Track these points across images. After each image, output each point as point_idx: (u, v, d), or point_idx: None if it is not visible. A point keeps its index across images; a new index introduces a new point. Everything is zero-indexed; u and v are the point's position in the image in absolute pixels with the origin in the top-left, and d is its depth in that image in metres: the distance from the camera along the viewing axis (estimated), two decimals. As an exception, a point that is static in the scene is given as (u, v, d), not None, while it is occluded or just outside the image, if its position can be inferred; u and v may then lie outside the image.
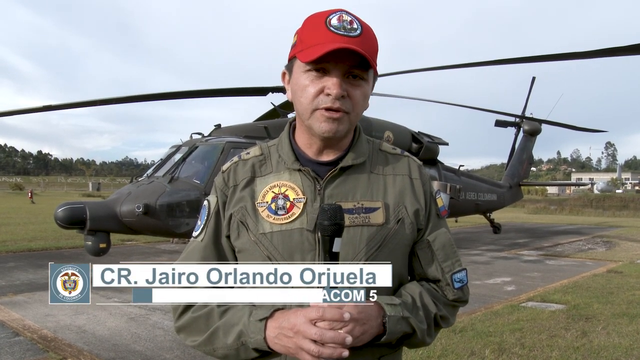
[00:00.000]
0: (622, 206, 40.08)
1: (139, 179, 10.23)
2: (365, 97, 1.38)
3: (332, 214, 1.20)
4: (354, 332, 1.19)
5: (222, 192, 1.46)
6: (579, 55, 9.33)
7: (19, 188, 61.75)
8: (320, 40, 1.28)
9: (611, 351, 5.17)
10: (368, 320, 1.23)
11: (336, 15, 1.30)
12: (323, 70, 1.31)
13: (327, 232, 1.19)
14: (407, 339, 1.35)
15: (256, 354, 1.30)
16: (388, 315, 1.27)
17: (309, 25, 1.34)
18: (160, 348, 5.31)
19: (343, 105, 1.32)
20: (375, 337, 1.27)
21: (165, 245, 14.14)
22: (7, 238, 14.39)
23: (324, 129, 1.34)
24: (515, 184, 18.70)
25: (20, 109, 11.12)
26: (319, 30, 1.30)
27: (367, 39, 1.31)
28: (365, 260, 1.33)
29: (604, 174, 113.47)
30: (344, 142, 1.44)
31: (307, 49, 1.30)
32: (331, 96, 1.30)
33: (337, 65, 1.30)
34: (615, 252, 13.62)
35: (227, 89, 11.78)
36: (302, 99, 1.35)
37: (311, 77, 1.32)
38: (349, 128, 1.38)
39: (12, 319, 6.30)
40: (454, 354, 5.02)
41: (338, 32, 1.28)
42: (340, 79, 1.31)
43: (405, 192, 1.43)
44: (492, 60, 10.89)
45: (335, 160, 1.42)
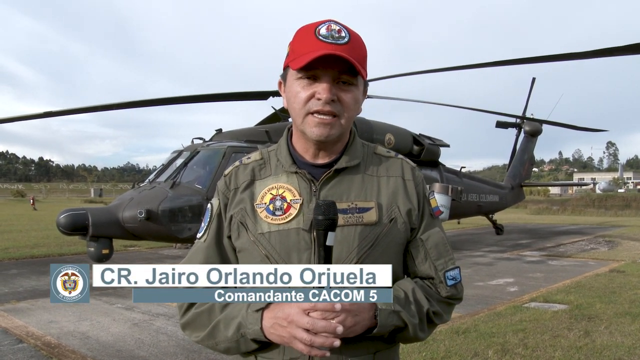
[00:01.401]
0: (624, 205, 40.00)
1: (141, 185, 10.26)
2: (356, 101, 1.44)
3: (326, 209, 1.25)
4: (346, 323, 1.24)
5: (223, 195, 1.53)
6: (579, 56, 9.34)
7: (21, 195, 61.90)
8: (310, 48, 1.35)
9: (614, 350, 5.17)
10: (360, 312, 1.29)
11: (325, 25, 1.38)
12: (314, 78, 1.39)
13: (321, 226, 1.25)
14: (399, 332, 1.39)
15: (255, 345, 1.36)
16: (379, 308, 1.32)
17: (299, 36, 1.42)
18: (164, 353, 5.32)
19: (333, 109, 1.39)
20: (367, 330, 1.32)
21: (168, 250, 14.16)
22: (9, 245, 14.41)
23: (315, 133, 1.40)
24: (517, 185, 18.69)
25: (21, 115, 11.16)
26: (309, 39, 1.38)
27: (355, 47, 1.39)
28: (358, 258, 1.39)
29: (605, 174, 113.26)
30: (338, 145, 1.50)
31: (298, 58, 1.38)
32: (321, 100, 1.37)
33: (326, 71, 1.37)
34: (617, 252, 13.60)
35: (228, 93, 11.80)
36: (295, 104, 1.42)
37: (303, 83, 1.40)
38: (341, 132, 1.44)
39: (16, 326, 6.31)
40: (457, 355, 5.02)
41: (326, 41, 1.36)
42: (330, 84, 1.38)
43: (398, 193, 1.49)
44: (493, 62, 10.91)
45: (330, 162, 1.48)
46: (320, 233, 1.25)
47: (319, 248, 1.26)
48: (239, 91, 11.85)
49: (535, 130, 19.32)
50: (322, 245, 1.25)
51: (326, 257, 1.26)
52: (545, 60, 10.95)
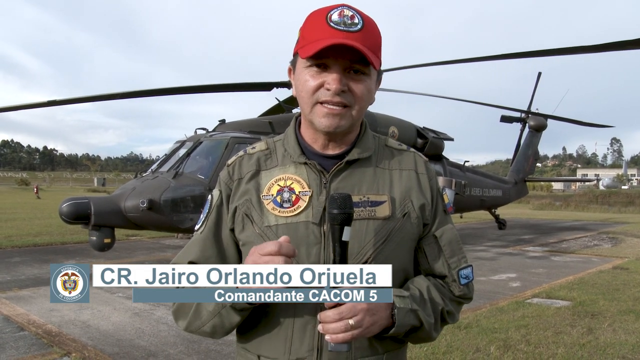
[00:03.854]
0: (628, 202, 39.77)
1: (144, 175, 10.24)
2: (369, 91, 1.36)
3: (342, 203, 1.19)
4: (364, 322, 1.19)
5: (226, 186, 1.46)
6: (586, 50, 9.25)
7: (25, 183, 62.11)
8: (321, 36, 1.28)
9: (617, 348, 5.13)
10: (377, 311, 1.23)
11: (337, 11, 1.30)
12: (324, 66, 1.31)
13: (337, 220, 1.19)
14: (414, 332, 1.34)
15: (238, 316, 1.31)
16: (397, 307, 1.27)
17: (310, 21, 1.34)
18: (164, 343, 5.31)
19: (344, 99, 1.31)
20: (384, 330, 1.27)
21: (169, 240, 14.17)
22: (12, 233, 14.46)
23: (324, 124, 1.33)
24: (521, 180, 18.62)
25: (25, 104, 11.13)
26: (320, 26, 1.30)
27: (369, 34, 1.30)
28: (372, 253, 1.33)
29: (609, 170, 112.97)
30: (349, 137, 1.43)
31: (307, 45, 1.30)
32: (331, 91, 1.30)
33: (337, 60, 1.30)
34: (621, 249, 13.55)
35: (232, 84, 11.75)
36: (303, 93, 1.35)
37: (312, 72, 1.32)
38: (352, 123, 1.37)
39: (17, 314, 6.31)
40: (459, 351, 4.99)
41: (338, 28, 1.27)
42: (341, 74, 1.30)
43: (411, 187, 1.43)
44: (498, 55, 10.83)
45: (341, 154, 1.42)
46: (336, 228, 1.19)
47: (334, 244, 1.20)
48: (243, 82, 11.80)
49: (540, 125, 19.21)
50: (338, 240, 1.19)
51: (342, 252, 1.20)
52: (551, 54, 10.85)
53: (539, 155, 20.62)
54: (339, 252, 1.20)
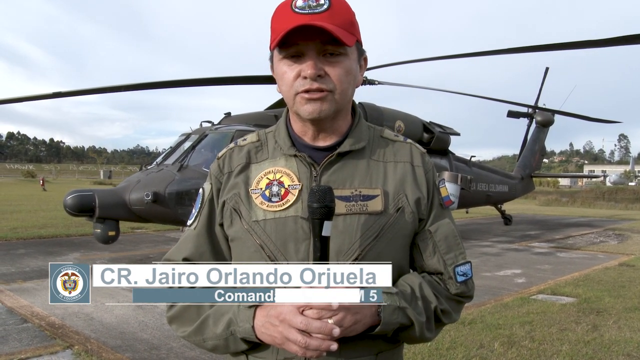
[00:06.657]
0: (635, 199, 39.51)
1: (149, 167, 10.25)
2: (348, 72, 1.30)
3: (321, 196, 1.15)
4: (345, 322, 1.14)
5: (216, 179, 1.43)
6: (594, 44, 9.12)
7: (31, 175, 62.28)
8: (285, 24, 1.23)
9: (622, 346, 5.09)
10: (360, 309, 1.18)
11: None
12: (298, 56, 1.27)
13: (317, 214, 1.15)
14: (404, 331, 1.29)
15: (245, 345, 1.26)
16: (383, 304, 1.21)
17: (277, 12, 1.30)
18: (167, 337, 5.30)
19: (322, 84, 1.26)
20: (370, 328, 1.22)
21: (174, 233, 14.18)
22: (17, 225, 14.51)
23: (307, 110, 1.29)
24: (527, 176, 18.55)
25: (30, 95, 11.12)
26: (285, 14, 1.26)
27: (337, 12, 1.25)
28: (361, 250, 1.28)
29: (616, 167, 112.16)
30: (340, 126, 1.38)
31: (275, 36, 1.26)
32: (307, 78, 1.25)
33: (307, 45, 1.25)
34: (627, 245, 13.46)
35: (238, 77, 11.69)
36: (283, 86, 1.31)
37: (288, 63, 1.29)
38: (337, 107, 1.31)
39: (21, 306, 6.33)
40: (463, 347, 4.96)
41: (302, 12, 1.23)
42: (314, 59, 1.25)
43: (406, 180, 1.37)
44: (505, 49, 10.72)
45: (333, 145, 1.37)
46: (316, 222, 1.15)
47: (314, 239, 1.16)
48: (249, 75, 11.75)
49: (547, 121, 19.12)
50: (318, 235, 1.15)
51: (322, 248, 1.15)
52: (559, 49, 10.69)
53: (546, 150, 20.52)
54: (318, 248, 1.15)
